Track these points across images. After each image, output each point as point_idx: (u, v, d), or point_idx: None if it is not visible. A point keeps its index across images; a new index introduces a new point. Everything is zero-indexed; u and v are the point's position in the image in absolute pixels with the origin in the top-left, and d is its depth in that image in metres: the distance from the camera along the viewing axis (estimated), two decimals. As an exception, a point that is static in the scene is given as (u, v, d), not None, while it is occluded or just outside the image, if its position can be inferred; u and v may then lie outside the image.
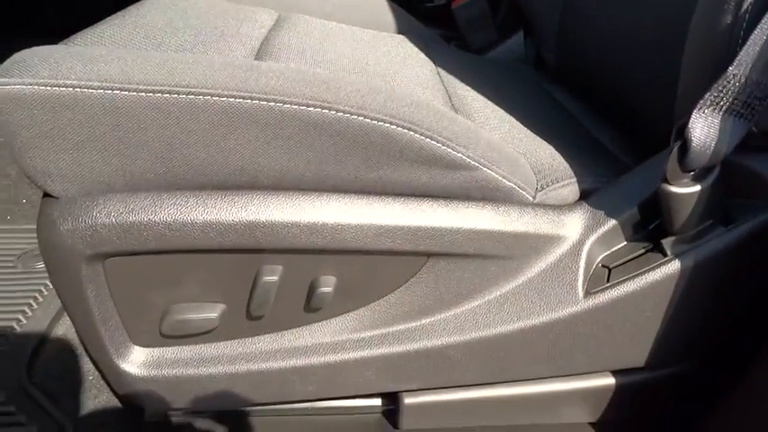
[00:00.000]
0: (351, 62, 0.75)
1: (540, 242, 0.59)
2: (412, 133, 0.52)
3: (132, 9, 0.78)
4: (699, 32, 0.53)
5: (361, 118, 0.51)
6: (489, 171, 0.56)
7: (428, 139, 0.53)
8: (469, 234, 0.57)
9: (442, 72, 0.86)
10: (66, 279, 0.57)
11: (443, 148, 0.53)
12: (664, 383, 0.67)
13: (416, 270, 0.60)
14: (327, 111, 0.50)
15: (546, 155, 0.66)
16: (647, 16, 0.75)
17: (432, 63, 0.87)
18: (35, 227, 1.19)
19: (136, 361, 0.62)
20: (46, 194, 0.56)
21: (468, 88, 0.81)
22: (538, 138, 0.70)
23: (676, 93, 0.62)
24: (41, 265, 1.01)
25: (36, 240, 1.12)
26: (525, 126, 0.72)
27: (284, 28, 0.83)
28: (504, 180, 0.57)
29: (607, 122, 0.84)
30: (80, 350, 0.86)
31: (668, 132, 0.56)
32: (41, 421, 0.74)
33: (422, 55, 0.89)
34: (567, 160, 0.65)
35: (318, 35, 0.84)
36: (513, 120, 0.73)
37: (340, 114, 0.51)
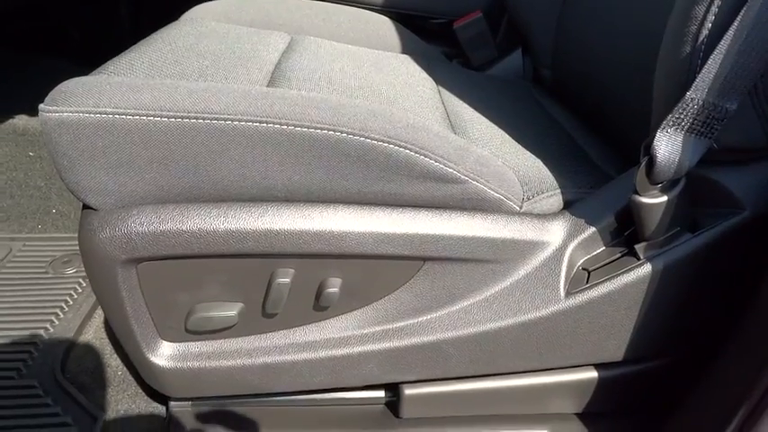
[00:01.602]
0: (357, 83, 0.81)
1: (526, 248, 0.65)
2: (408, 151, 0.59)
3: (157, 36, 0.84)
4: (664, 60, 0.59)
5: (363, 139, 0.57)
6: (478, 184, 0.62)
7: (423, 157, 0.59)
8: (461, 240, 0.63)
9: (443, 90, 0.92)
10: (104, 281, 0.63)
11: (436, 164, 0.60)
12: (640, 377, 0.72)
13: (414, 272, 0.65)
14: (333, 132, 0.57)
15: (534, 167, 0.71)
16: (626, 42, 0.80)
17: (433, 82, 0.94)
18: (64, 235, 1.27)
19: (164, 354, 0.68)
20: (85, 206, 0.62)
21: (466, 105, 0.87)
22: (527, 151, 0.76)
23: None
24: (71, 271, 1.07)
25: (65, 247, 1.20)
26: (516, 140, 0.78)
27: (296, 51, 0.90)
28: (492, 192, 0.63)
29: (594, 135, 0.89)
30: (109, 348, 0.92)
31: (646, 146, 0.62)
32: (75, 412, 0.81)
33: (424, 74, 0.96)
34: (552, 172, 0.71)
35: (328, 57, 0.90)
36: (505, 135, 0.79)
37: (344, 136, 0.57)
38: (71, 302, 1.01)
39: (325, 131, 0.57)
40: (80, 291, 1.04)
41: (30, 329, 0.95)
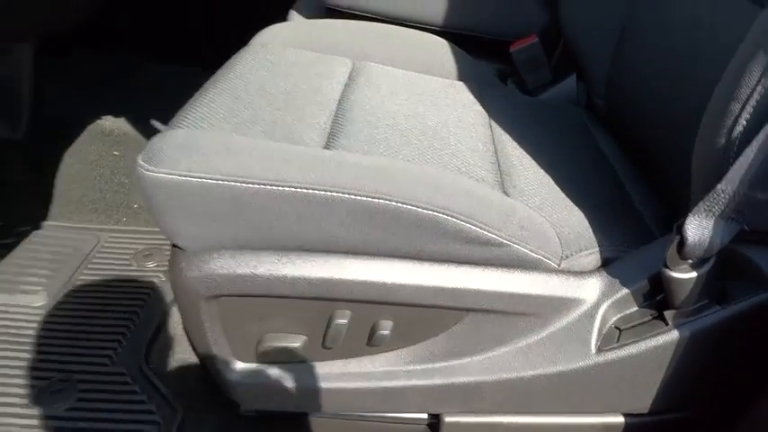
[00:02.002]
0: (413, 125, 0.86)
1: (562, 304, 0.70)
2: (454, 219, 0.65)
3: (230, 70, 0.91)
4: (700, 147, 0.61)
5: (413, 207, 0.65)
6: (519, 247, 0.68)
7: (467, 224, 0.66)
8: (501, 296, 0.69)
9: (494, 126, 0.95)
10: (189, 312, 0.74)
11: (480, 230, 0.66)
12: (662, 426, 0.77)
13: (457, 320, 0.72)
14: (387, 202, 0.65)
15: (575, 222, 0.75)
16: (683, 87, 0.81)
17: (486, 116, 0.97)
18: (145, 229, 1.39)
19: (237, 372, 0.78)
20: (174, 245, 0.73)
21: (516, 145, 0.91)
22: (570, 201, 0.79)
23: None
24: (152, 265, 1.19)
25: (146, 241, 1.32)
26: (561, 188, 0.82)
27: (357, 83, 0.95)
28: (532, 254, 0.69)
29: (643, 178, 0.91)
30: (186, 343, 1.01)
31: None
32: (158, 401, 0.92)
33: (477, 106, 0.99)
34: (593, 226, 0.75)
35: (386, 89, 0.95)
36: (551, 183, 0.83)
37: (397, 205, 0.65)
38: (152, 295, 1.12)
39: (380, 200, 0.64)
40: (159, 285, 1.15)
41: (119, 318, 1.06)
